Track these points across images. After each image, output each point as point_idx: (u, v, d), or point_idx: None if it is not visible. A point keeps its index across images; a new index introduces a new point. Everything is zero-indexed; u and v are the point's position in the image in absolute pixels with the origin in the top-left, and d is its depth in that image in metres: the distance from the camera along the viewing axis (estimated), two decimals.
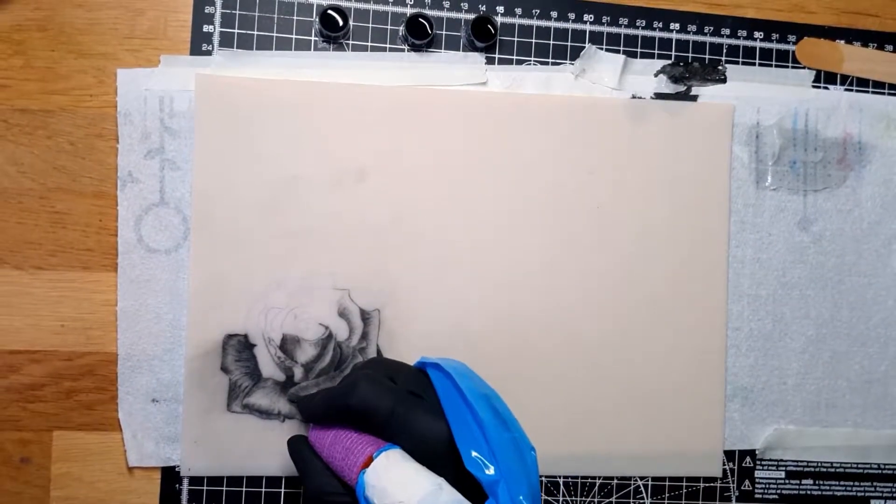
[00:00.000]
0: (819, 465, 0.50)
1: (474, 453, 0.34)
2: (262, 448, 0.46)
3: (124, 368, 0.45)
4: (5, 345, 0.45)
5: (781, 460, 0.50)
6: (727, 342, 0.50)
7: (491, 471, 0.33)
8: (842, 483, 0.50)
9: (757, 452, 0.50)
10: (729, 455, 0.50)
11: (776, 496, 0.50)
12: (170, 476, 0.46)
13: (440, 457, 0.35)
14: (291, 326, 0.46)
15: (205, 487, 0.46)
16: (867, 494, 0.51)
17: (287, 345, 0.46)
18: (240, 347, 0.46)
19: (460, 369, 0.38)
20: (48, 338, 0.45)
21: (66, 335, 0.45)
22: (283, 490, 0.46)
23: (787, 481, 0.50)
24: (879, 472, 0.51)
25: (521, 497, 0.33)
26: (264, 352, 0.46)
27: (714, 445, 0.49)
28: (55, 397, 0.45)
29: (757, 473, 0.50)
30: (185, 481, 0.46)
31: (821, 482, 0.50)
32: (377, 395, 0.37)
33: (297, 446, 0.41)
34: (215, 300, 0.46)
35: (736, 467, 0.50)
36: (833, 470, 0.50)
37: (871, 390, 0.51)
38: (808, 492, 0.50)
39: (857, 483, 0.51)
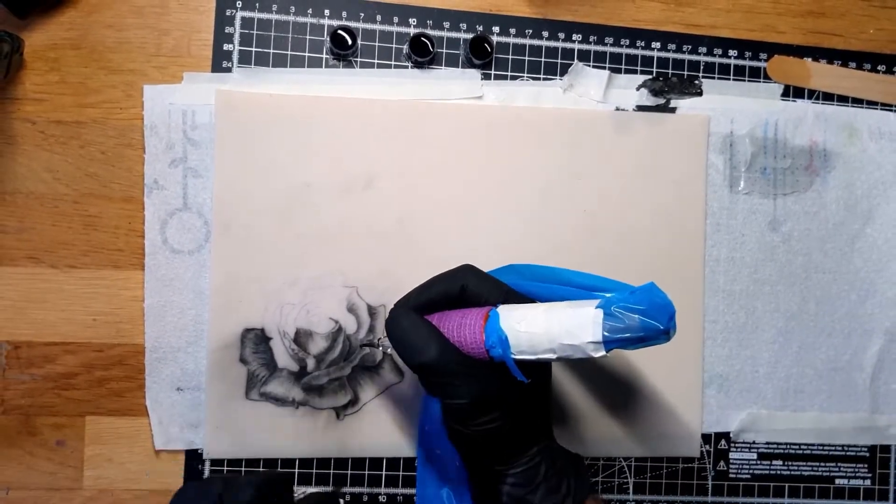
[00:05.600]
0: (788, 446, 0.53)
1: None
2: (278, 432, 0.48)
3: (151, 359, 0.48)
4: (42, 337, 0.48)
5: (754, 443, 0.53)
6: (704, 334, 0.52)
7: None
8: (809, 464, 0.53)
9: (731, 435, 0.52)
10: (706, 438, 0.52)
11: (749, 475, 0.52)
12: (193, 458, 0.48)
13: None
14: (304, 321, 0.49)
15: (225, 468, 0.48)
16: (832, 474, 0.53)
17: (300, 338, 0.49)
18: (257, 340, 0.48)
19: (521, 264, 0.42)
20: (81, 331, 0.48)
21: (97, 328, 0.48)
22: (296, 470, 0.49)
23: (758, 462, 0.53)
24: (843, 453, 0.54)
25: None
26: (279, 344, 0.49)
27: (692, 429, 0.52)
28: (88, 385, 0.48)
29: (731, 455, 0.53)
30: (207, 463, 0.48)
31: (790, 463, 0.53)
32: (486, 282, 0.39)
33: (402, 318, 0.39)
34: (234, 297, 0.48)
35: (712, 449, 0.52)
36: (801, 451, 0.53)
37: (836, 377, 0.53)
38: (778, 472, 0.53)
39: (822, 464, 0.53)
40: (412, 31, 0.50)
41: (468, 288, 0.40)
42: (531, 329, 0.36)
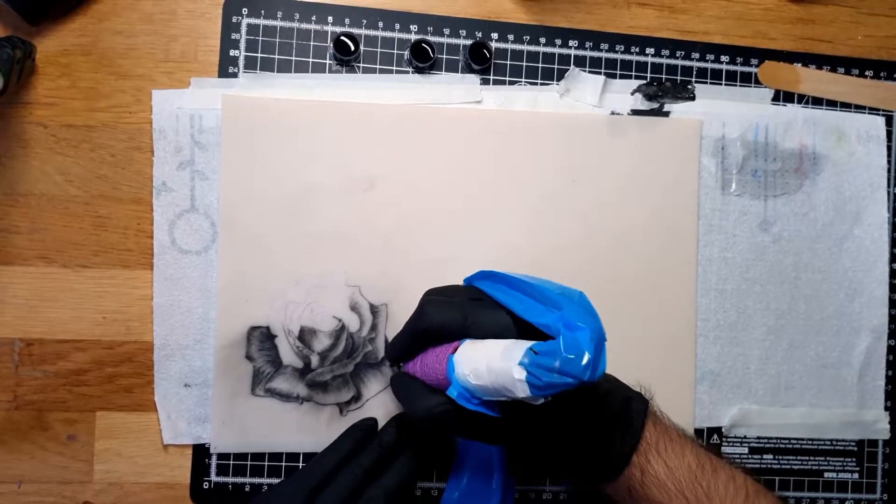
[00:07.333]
0: (778, 441, 0.54)
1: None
2: (283, 427, 0.49)
3: (159, 356, 0.49)
4: (53, 335, 0.49)
5: (745, 437, 0.54)
6: (696, 331, 0.53)
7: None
8: (798, 458, 0.54)
9: (723, 430, 0.54)
10: (698, 432, 0.53)
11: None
12: (200, 452, 0.50)
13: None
14: (308, 319, 0.50)
15: (231, 462, 0.50)
16: (821, 468, 0.55)
17: (304, 335, 0.50)
18: (262, 338, 0.50)
19: (494, 271, 0.42)
20: (91, 328, 0.49)
21: (107, 326, 0.49)
22: (300, 464, 0.50)
23: (750, 456, 0.54)
24: (832, 447, 0.55)
25: (579, 323, 0.33)
26: (284, 342, 0.50)
27: (686, 424, 0.52)
28: (98, 381, 0.49)
29: (723, 449, 0.54)
30: (214, 457, 0.50)
31: (780, 457, 0.54)
32: (445, 311, 0.39)
33: (397, 379, 0.44)
34: (240, 296, 0.49)
35: (704, 443, 0.53)
36: (791, 446, 0.54)
37: (825, 374, 0.55)
38: (769, 466, 0.54)
39: (812, 458, 0.54)
40: (413, 37, 0.52)
41: (427, 327, 0.40)
42: (480, 382, 0.35)
